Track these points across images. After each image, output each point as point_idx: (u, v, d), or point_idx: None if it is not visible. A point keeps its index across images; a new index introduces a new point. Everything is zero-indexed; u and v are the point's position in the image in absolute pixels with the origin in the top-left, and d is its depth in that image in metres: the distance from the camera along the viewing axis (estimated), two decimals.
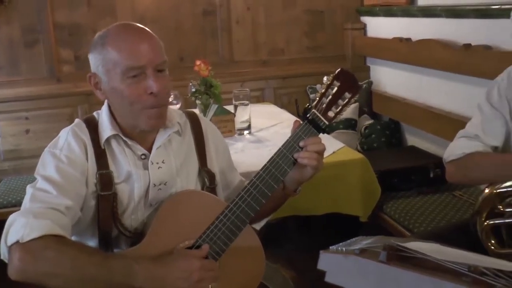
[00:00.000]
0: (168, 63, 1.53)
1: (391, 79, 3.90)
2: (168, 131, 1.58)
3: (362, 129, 3.78)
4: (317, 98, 1.52)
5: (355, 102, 3.71)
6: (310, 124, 1.50)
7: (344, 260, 1.12)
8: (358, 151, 3.52)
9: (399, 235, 2.60)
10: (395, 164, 3.11)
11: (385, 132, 3.73)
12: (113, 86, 1.47)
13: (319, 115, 1.51)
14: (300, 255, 1.98)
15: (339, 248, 1.16)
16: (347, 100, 1.53)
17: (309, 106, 1.51)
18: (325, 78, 1.56)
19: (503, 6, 2.60)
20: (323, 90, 1.53)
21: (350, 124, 3.76)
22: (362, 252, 1.12)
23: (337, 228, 2.77)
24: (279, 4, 4.20)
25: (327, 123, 1.51)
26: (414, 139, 3.66)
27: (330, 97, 1.52)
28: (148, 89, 1.45)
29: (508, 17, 2.48)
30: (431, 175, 2.98)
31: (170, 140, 1.60)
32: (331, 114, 1.52)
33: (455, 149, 1.87)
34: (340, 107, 1.53)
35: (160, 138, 1.57)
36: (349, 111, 3.78)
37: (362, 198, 2.53)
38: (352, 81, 1.54)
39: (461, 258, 1.08)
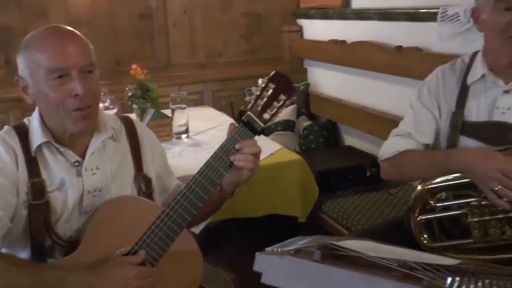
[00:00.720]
0: (96, 65, 1.51)
1: (327, 80, 3.97)
2: (101, 137, 1.56)
3: (300, 130, 3.82)
4: (252, 101, 1.53)
5: (291, 104, 3.82)
6: (246, 126, 1.51)
7: (279, 260, 1.13)
8: (297, 152, 3.56)
9: (337, 234, 2.65)
10: (333, 164, 3.17)
11: (323, 133, 3.79)
12: (38, 89, 1.44)
13: (254, 117, 1.51)
14: (241, 257, 1.98)
15: (275, 249, 1.16)
16: (282, 102, 1.55)
17: (244, 109, 1.52)
18: (260, 81, 1.57)
19: (430, 10, 2.69)
20: (258, 93, 1.54)
21: (288, 126, 3.80)
22: (297, 252, 1.13)
23: (278, 229, 2.79)
24: (216, 7, 4.20)
25: (262, 125, 1.52)
26: (351, 139, 3.73)
27: (265, 99, 1.53)
28: (72, 91, 1.42)
29: (436, 20, 2.59)
30: (368, 174, 3.05)
31: (104, 145, 1.57)
32: (266, 116, 1.54)
33: (389, 147, 1.92)
34: (275, 109, 1.54)
35: (94, 144, 1.54)
36: (287, 113, 3.82)
37: (300, 199, 2.56)
38: (287, 83, 1.56)
39: (393, 254, 1.11)
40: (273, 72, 1.55)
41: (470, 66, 1.86)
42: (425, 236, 1.79)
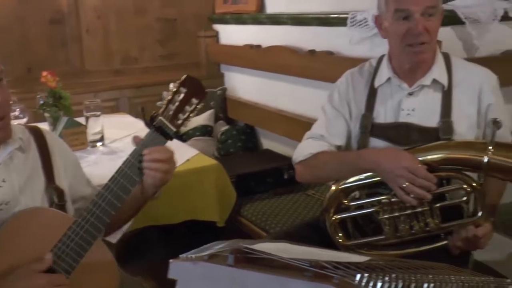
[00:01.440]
0: (4, 73, 1.44)
1: (244, 85, 3.99)
2: (8, 148, 1.49)
3: (219, 135, 3.83)
4: (164, 106, 1.52)
5: (208, 109, 3.81)
6: (158, 131, 1.49)
7: (193, 267, 1.12)
8: (216, 157, 3.56)
9: (257, 236, 2.67)
10: (251, 168, 3.20)
11: (241, 137, 3.81)
12: None
13: (166, 122, 1.50)
14: (161, 265, 1.95)
15: (189, 256, 1.15)
16: (194, 106, 1.54)
17: (156, 114, 1.50)
18: (171, 85, 1.56)
19: (341, 15, 2.77)
20: (169, 97, 1.53)
21: (206, 131, 3.79)
22: (212, 258, 1.13)
23: (199, 234, 2.78)
24: (130, 12, 4.13)
25: (174, 130, 1.51)
26: (269, 142, 3.77)
27: (177, 103, 1.52)
28: None
29: (346, 25, 2.66)
30: (285, 176, 3.10)
31: (11, 157, 1.51)
32: (178, 120, 1.53)
33: (303, 150, 1.96)
34: (187, 113, 1.53)
35: (0, 156, 1.48)
36: (205, 118, 3.82)
37: (218, 204, 2.55)
38: (199, 87, 1.55)
39: (306, 255, 1.12)
40: (184, 76, 1.54)
41: (377, 70, 1.93)
42: (340, 235, 1.84)
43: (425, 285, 0.97)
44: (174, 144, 1.54)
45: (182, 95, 1.52)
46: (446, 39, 2.23)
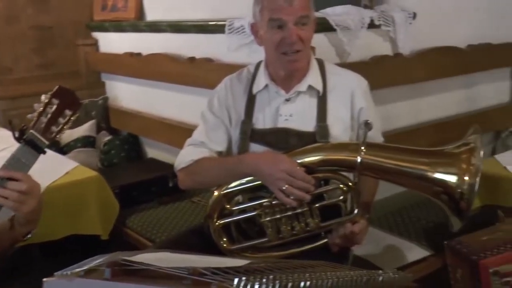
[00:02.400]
0: None
1: (126, 93, 3.91)
2: None
3: (102, 146, 3.72)
4: (35, 118, 1.46)
5: (90, 119, 3.69)
6: (28, 145, 1.43)
7: (69, 284, 1.08)
8: (99, 168, 3.47)
9: (143, 247, 2.62)
10: (136, 178, 3.15)
11: (125, 146, 3.74)
12: None
13: (37, 135, 1.44)
14: (41, 284, 1.87)
15: (65, 273, 1.11)
16: (68, 118, 1.50)
17: (25, 127, 1.44)
18: (43, 97, 1.50)
19: (219, 23, 2.79)
20: (41, 109, 1.47)
21: (88, 142, 3.67)
22: (88, 273, 1.09)
23: (84, 249, 2.68)
24: (1, 20, 3.91)
25: (47, 142, 1.45)
26: (153, 151, 3.73)
27: (49, 115, 1.47)
28: None
29: (224, 32, 2.69)
30: (170, 184, 3.07)
31: None
32: (52, 133, 1.47)
33: (184, 157, 1.96)
34: (61, 125, 1.48)
35: None
36: (86, 128, 3.70)
37: (101, 216, 2.48)
38: (72, 98, 1.51)
39: (185, 263, 1.12)
40: (56, 87, 1.49)
41: (255, 76, 1.96)
42: (224, 239, 1.85)
43: (302, 283, 1.00)
44: (52, 157, 1.48)
45: (54, 107, 1.47)
46: (319, 46, 2.32)
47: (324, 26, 2.47)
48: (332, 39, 2.53)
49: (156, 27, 3.39)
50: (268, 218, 1.77)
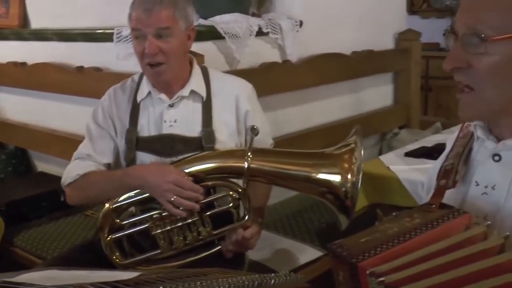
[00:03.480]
0: None
1: (11, 105, 3.71)
2: None
3: None
4: None
5: None
6: None
7: None
8: None
9: (33, 266, 2.50)
10: (24, 193, 3.01)
11: (12, 161, 3.56)
12: None
13: None
14: None
15: None
16: None
17: None
18: None
19: (107, 31, 2.74)
20: None
21: None
22: None
23: None
24: None
25: None
26: (43, 164, 3.57)
27: None
28: None
29: (113, 40, 2.65)
30: (62, 198, 2.95)
31: None
32: None
33: (70, 171, 1.90)
34: None
35: None
36: None
37: None
38: None
39: (73, 280, 1.09)
40: None
41: (139, 85, 1.95)
42: (117, 254, 1.81)
43: None
44: None
45: None
46: (208, 53, 2.34)
47: (213, 34, 2.49)
48: (221, 46, 2.56)
49: (41, 36, 3.26)
50: (159, 230, 1.76)
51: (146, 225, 1.77)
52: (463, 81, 1.04)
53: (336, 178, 1.67)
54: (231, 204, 1.78)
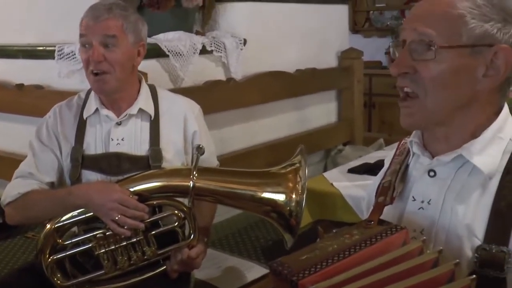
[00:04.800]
0: None
1: None
2: None
3: None
4: None
5: None
6: None
7: None
8: None
9: None
10: None
11: None
12: None
13: None
14: None
15: None
16: None
17: None
18: None
19: (48, 48, 2.70)
20: None
21: None
22: None
23: None
24: None
25: None
26: None
27: None
28: None
29: (54, 58, 2.61)
30: (1, 220, 2.87)
31: None
32: None
33: (11, 190, 1.85)
34: None
35: None
36: None
37: None
38: None
39: None
40: None
41: (86, 102, 1.92)
42: (59, 275, 1.76)
43: None
44: None
45: None
46: (152, 71, 2.34)
47: (157, 52, 2.49)
48: (165, 64, 2.56)
49: None
50: (103, 250, 1.72)
51: (90, 245, 1.73)
52: (407, 86, 1.06)
53: (281, 197, 1.68)
54: (176, 223, 1.77)
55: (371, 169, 2.49)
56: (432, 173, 1.10)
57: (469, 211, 1.04)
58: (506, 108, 1.10)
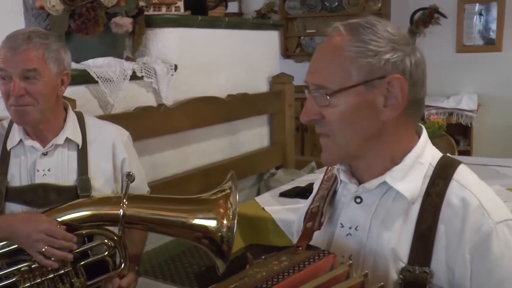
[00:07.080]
0: None
1: None
2: None
3: None
4: None
5: None
6: None
7: None
8: None
9: None
10: None
11: None
12: None
13: None
14: None
15: None
16: None
17: None
18: None
19: None
20: None
21: None
22: None
23: None
24: None
25: None
26: None
27: None
28: None
29: None
30: None
31: None
32: None
33: None
34: None
35: None
36: None
37: None
38: None
39: None
40: None
41: (9, 132, 1.85)
42: None
43: None
44: None
45: None
46: (81, 98, 2.29)
47: (85, 78, 2.44)
48: (94, 91, 2.52)
49: None
50: (28, 284, 1.66)
51: (14, 279, 1.67)
52: (320, 130, 1.12)
53: (212, 223, 1.68)
54: (106, 253, 1.73)
55: (302, 192, 2.53)
56: (358, 200, 1.14)
57: (394, 236, 1.07)
58: (425, 133, 1.15)
